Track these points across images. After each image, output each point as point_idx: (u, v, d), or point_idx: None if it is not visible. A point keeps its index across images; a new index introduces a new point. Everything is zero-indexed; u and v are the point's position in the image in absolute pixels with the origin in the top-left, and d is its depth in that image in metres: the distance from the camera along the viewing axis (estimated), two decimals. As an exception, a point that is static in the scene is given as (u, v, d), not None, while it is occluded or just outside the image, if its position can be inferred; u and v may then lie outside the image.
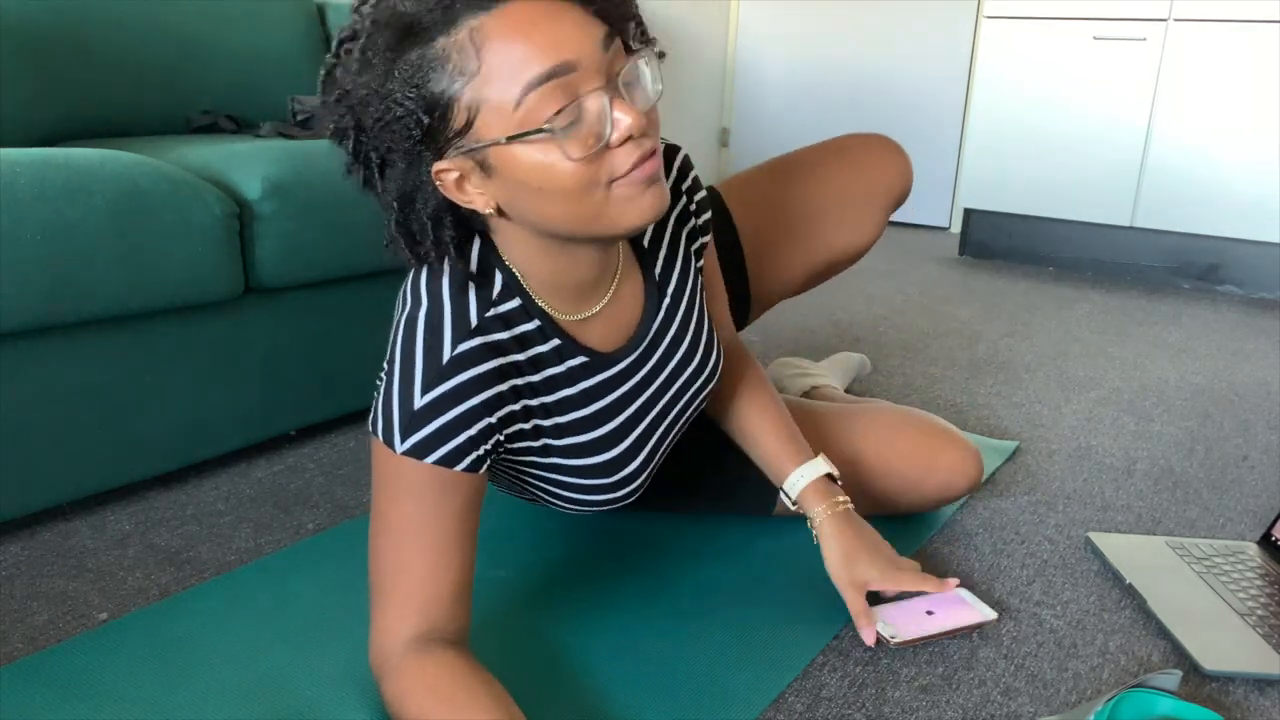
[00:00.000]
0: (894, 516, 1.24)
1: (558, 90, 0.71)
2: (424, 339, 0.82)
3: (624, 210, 0.77)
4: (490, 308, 0.84)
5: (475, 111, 0.72)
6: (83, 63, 1.70)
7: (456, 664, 0.80)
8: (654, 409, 0.98)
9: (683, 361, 1.00)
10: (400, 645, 0.81)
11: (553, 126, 0.71)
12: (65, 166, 1.12)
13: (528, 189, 0.75)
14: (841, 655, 0.98)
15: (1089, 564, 1.18)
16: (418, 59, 0.71)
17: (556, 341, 0.89)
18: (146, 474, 1.29)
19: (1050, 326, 2.34)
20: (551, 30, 0.71)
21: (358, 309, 1.51)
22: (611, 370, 0.93)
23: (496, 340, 0.85)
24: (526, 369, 0.87)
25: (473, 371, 0.82)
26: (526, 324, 0.87)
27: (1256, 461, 1.53)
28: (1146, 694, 0.85)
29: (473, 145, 0.74)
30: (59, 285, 1.10)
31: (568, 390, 0.91)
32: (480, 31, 0.70)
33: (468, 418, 0.82)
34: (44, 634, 0.98)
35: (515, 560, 1.15)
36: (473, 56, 0.70)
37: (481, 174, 0.76)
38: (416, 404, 0.80)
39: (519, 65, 0.70)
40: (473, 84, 0.71)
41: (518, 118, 0.71)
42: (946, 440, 1.21)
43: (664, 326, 0.97)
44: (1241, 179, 2.68)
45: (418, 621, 0.82)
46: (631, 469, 0.97)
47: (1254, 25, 2.58)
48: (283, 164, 1.33)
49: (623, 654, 0.97)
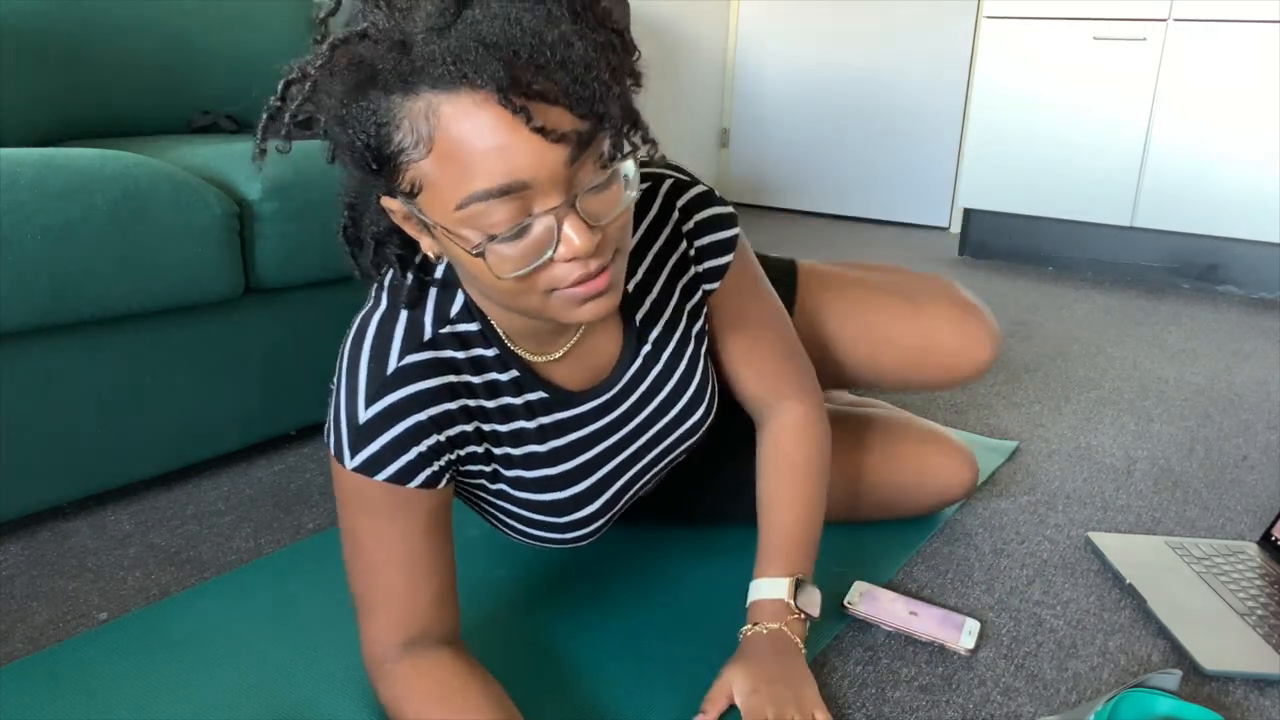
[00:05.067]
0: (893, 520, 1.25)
1: (506, 205, 0.64)
2: (371, 345, 0.79)
3: (562, 311, 0.72)
4: (446, 324, 0.81)
5: (419, 187, 0.66)
6: (83, 63, 1.70)
7: (450, 664, 0.80)
8: (620, 454, 0.93)
9: (659, 411, 0.94)
10: (391, 651, 0.81)
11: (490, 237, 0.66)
12: (65, 167, 1.12)
13: (463, 269, 0.72)
14: (841, 655, 0.98)
15: (1089, 564, 1.18)
16: (375, 105, 0.64)
17: (515, 373, 0.85)
18: (146, 474, 1.29)
19: (1050, 326, 2.34)
20: (509, 141, 0.62)
21: (358, 309, 1.51)
22: (575, 410, 0.89)
23: (449, 357, 0.81)
24: (480, 392, 0.83)
25: (419, 385, 0.79)
26: (484, 349, 0.83)
27: (1256, 461, 1.53)
28: (1146, 694, 0.85)
29: (412, 208, 0.69)
30: (59, 285, 1.10)
31: (524, 423, 0.86)
32: (436, 113, 0.62)
33: (415, 433, 0.79)
34: (44, 634, 0.98)
35: (515, 560, 1.15)
36: (425, 135, 0.63)
37: (425, 231, 0.71)
38: (361, 417, 0.78)
39: (465, 173, 0.63)
40: (421, 163, 0.64)
41: (457, 217, 0.65)
42: (942, 447, 1.22)
43: (641, 373, 0.92)
44: (1241, 179, 2.68)
45: (403, 629, 0.81)
46: (588, 512, 0.92)
47: (1254, 25, 2.58)
48: (283, 164, 1.34)
49: (623, 654, 0.97)
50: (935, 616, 1.03)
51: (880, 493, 1.20)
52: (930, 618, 1.03)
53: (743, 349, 1.00)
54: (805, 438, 1.01)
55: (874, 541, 1.21)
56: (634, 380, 0.92)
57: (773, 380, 1.01)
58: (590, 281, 0.70)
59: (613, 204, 0.69)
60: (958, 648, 0.98)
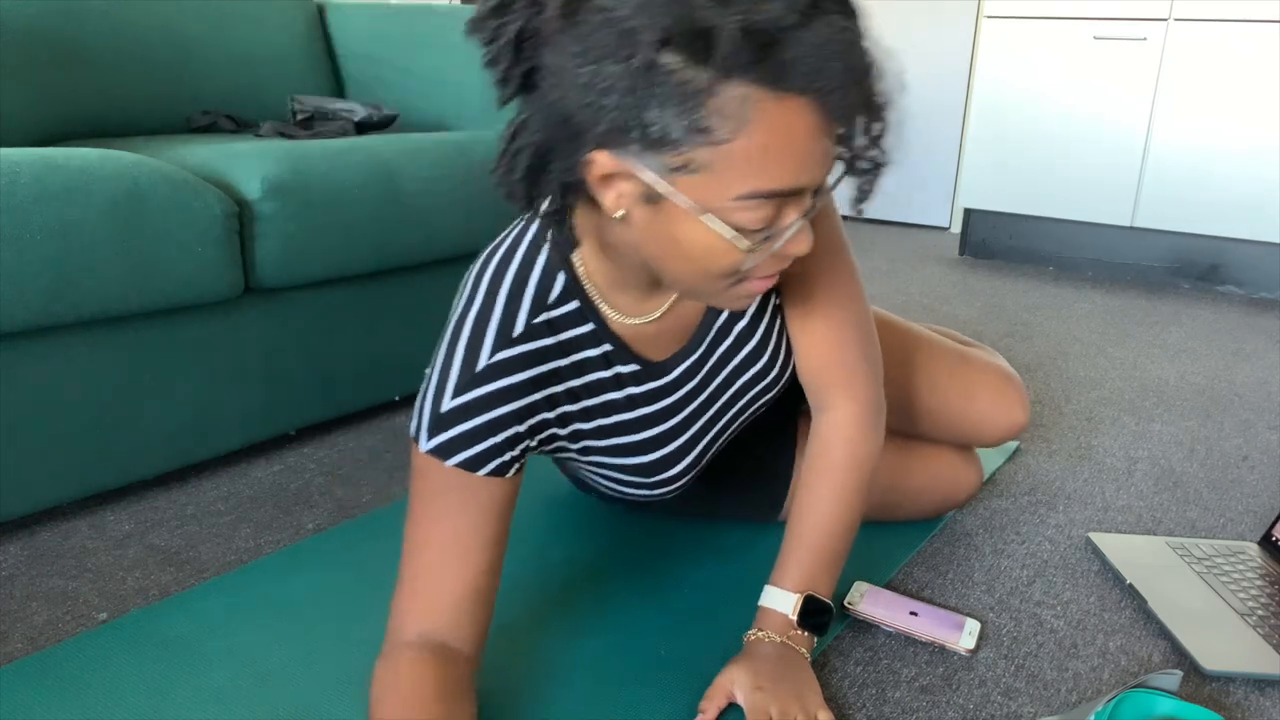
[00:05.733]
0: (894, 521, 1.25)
1: (780, 204, 0.67)
2: (466, 341, 0.83)
3: (730, 298, 0.75)
4: (544, 311, 0.84)
5: (691, 168, 0.64)
6: (83, 63, 1.70)
7: (435, 680, 0.77)
8: (703, 416, 0.96)
9: (737, 370, 0.96)
10: (404, 635, 0.81)
11: (750, 233, 0.67)
12: (65, 166, 1.12)
13: (670, 244, 0.70)
14: (842, 655, 0.98)
15: (1089, 564, 1.18)
16: (674, 72, 0.59)
17: (608, 347, 0.88)
18: (146, 474, 1.29)
19: (1050, 326, 2.34)
20: (814, 150, 0.64)
21: (358, 309, 1.51)
22: (661, 380, 0.92)
23: (538, 348, 0.84)
24: (568, 374, 0.87)
25: (506, 381, 0.83)
26: (579, 327, 0.86)
27: (1257, 461, 1.53)
28: (1147, 694, 0.85)
29: (658, 183, 0.66)
30: (59, 285, 1.10)
31: (612, 394, 0.90)
32: (755, 107, 0.61)
33: (494, 425, 0.82)
34: (44, 634, 0.98)
35: (516, 560, 1.15)
36: (731, 125, 0.61)
37: (638, 198, 0.68)
38: (444, 406, 0.81)
39: (767, 169, 0.64)
40: (710, 148, 0.63)
41: (726, 206, 0.65)
42: (949, 452, 1.23)
43: (720, 336, 0.94)
44: (1242, 179, 2.68)
45: (421, 620, 0.81)
46: (677, 469, 0.97)
47: (1254, 25, 2.58)
48: (283, 164, 1.33)
49: (623, 654, 0.97)
50: (935, 617, 1.03)
51: (886, 496, 1.21)
52: (930, 618, 1.03)
53: (802, 316, 0.96)
54: (848, 441, 0.97)
55: (874, 541, 1.21)
56: (714, 342, 0.94)
57: (827, 362, 0.96)
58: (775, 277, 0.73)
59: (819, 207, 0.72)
60: (958, 648, 0.98)
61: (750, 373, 0.97)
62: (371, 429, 1.55)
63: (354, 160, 1.43)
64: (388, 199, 1.46)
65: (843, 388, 0.97)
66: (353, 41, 2.17)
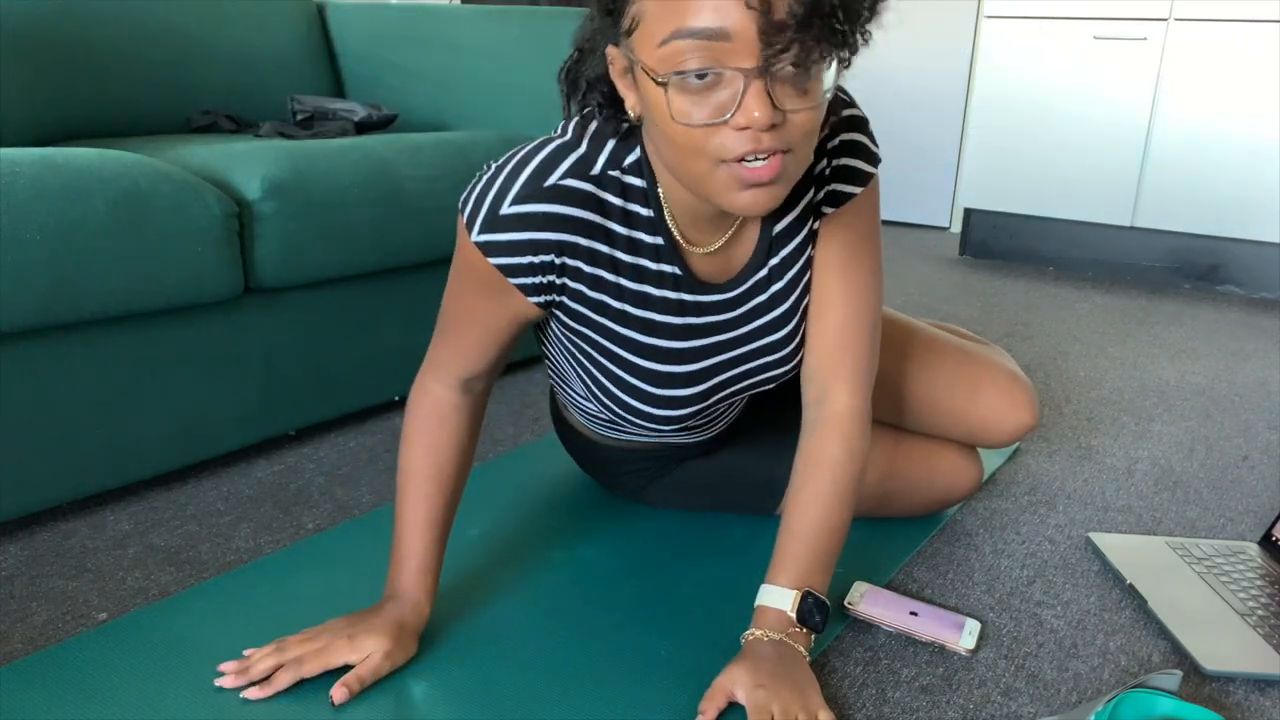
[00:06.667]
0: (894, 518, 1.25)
1: (703, 50, 0.70)
2: (546, 156, 0.86)
3: (722, 192, 0.76)
4: (618, 170, 0.87)
5: (635, 23, 0.74)
6: (83, 63, 1.70)
7: (459, 412, 0.96)
8: (722, 355, 0.98)
9: (758, 332, 0.98)
10: (446, 378, 0.96)
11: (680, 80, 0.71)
12: (65, 166, 1.12)
13: (651, 118, 0.77)
14: (841, 655, 0.98)
15: (1089, 564, 1.18)
16: None
17: (661, 240, 0.90)
18: (146, 474, 1.29)
19: (1050, 326, 2.34)
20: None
21: (358, 309, 1.51)
22: (698, 296, 0.94)
23: (604, 199, 0.87)
24: (619, 243, 0.89)
25: (564, 209, 0.85)
26: (643, 207, 0.88)
27: (1257, 461, 1.53)
28: (1147, 694, 0.85)
29: (629, 52, 0.76)
30: (59, 285, 1.10)
31: (651, 289, 0.92)
32: None
33: (537, 246, 0.86)
34: (44, 634, 0.98)
35: (517, 560, 1.15)
36: None
37: (630, 82, 0.78)
38: (503, 208, 0.85)
39: (677, 11, 0.70)
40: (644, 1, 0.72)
41: (659, 54, 0.72)
42: (949, 446, 1.22)
43: (763, 284, 0.96)
44: (1242, 179, 2.68)
45: (454, 371, 0.96)
46: (682, 395, 0.98)
47: (1254, 25, 2.58)
48: (283, 164, 1.33)
49: (623, 654, 0.97)
50: (935, 617, 1.03)
51: (884, 485, 1.20)
52: (930, 618, 1.03)
53: (819, 301, 0.98)
54: (845, 436, 0.97)
55: (874, 541, 1.21)
56: (756, 288, 0.96)
57: (835, 352, 0.98)
58: (757, 165, 0.73)
59: (801, 97, 0.72)
60: (958, 648, 0.98)
61: (768, 339, 0.98)
62: (371, 429, 1.55)
63: (354, 160, 1.43)
64: (387, 199, 1.46)
65: (846, 382, 0.98)
66: (353, 41, 2.17)
